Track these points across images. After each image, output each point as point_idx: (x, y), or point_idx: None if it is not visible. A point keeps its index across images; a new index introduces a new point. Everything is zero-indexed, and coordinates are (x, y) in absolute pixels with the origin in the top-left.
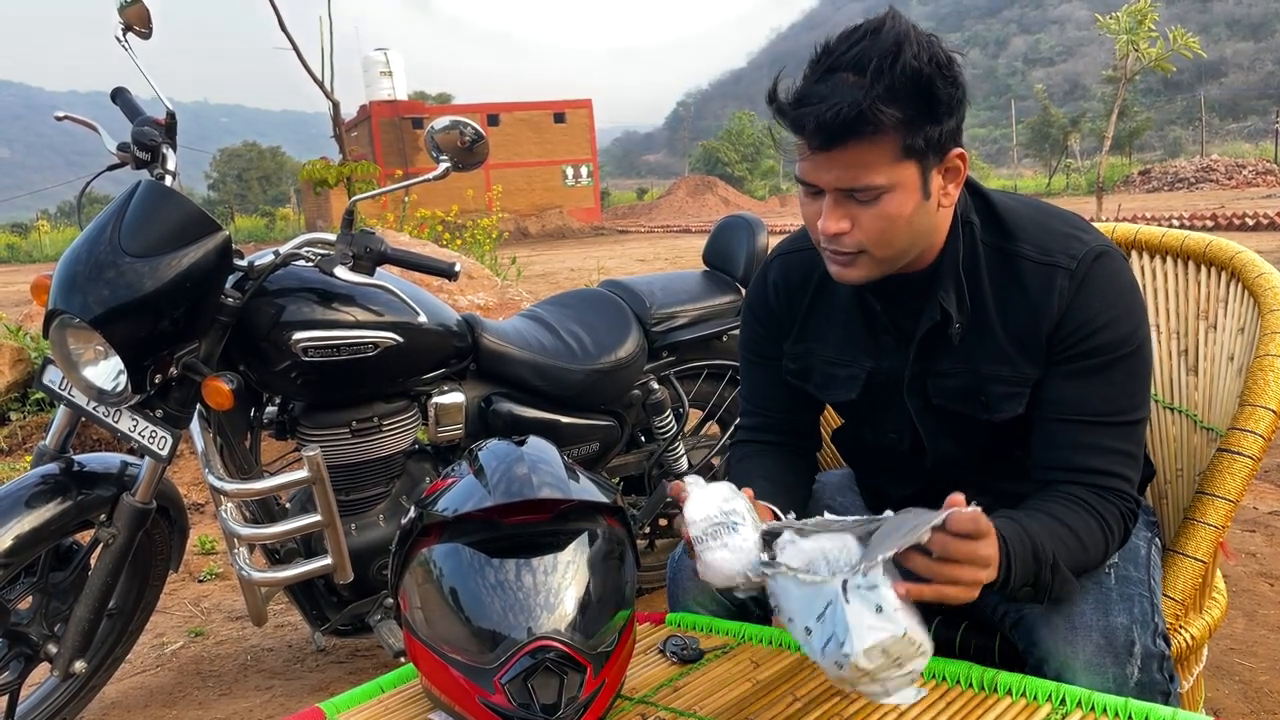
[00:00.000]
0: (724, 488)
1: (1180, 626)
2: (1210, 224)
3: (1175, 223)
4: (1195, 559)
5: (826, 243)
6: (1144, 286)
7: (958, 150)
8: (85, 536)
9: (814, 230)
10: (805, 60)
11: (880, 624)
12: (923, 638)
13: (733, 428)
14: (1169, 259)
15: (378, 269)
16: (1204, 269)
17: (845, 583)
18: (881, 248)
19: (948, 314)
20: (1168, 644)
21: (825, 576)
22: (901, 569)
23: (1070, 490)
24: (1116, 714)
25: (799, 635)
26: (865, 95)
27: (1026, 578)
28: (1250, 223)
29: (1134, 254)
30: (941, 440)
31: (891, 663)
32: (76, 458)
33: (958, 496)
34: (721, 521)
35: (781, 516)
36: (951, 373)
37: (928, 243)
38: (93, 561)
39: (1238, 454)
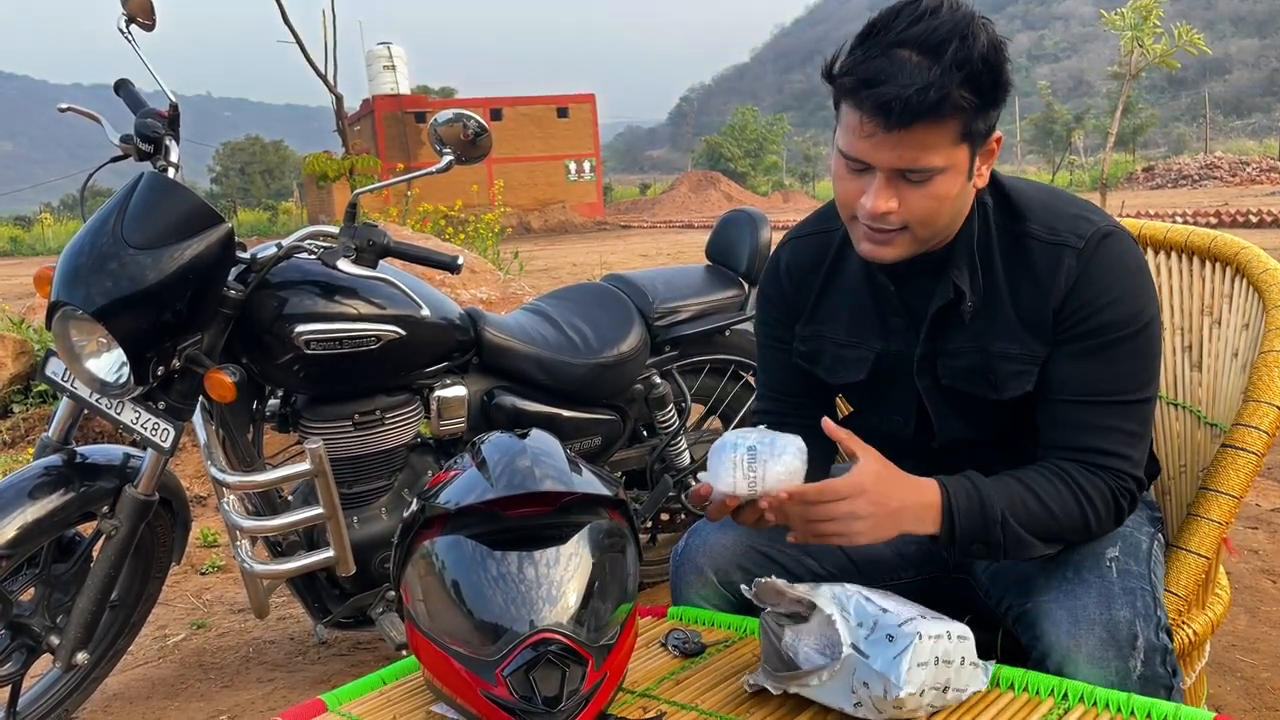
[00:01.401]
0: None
1: (1183, 622)
2: (1214, 221)
3: (1179, 220)
4: (1199, 554)
5: (868, 220)
6: None
7: (998, 134)
8: (88, 528)
9: (849, 207)
10: (848, 37)
11: (897, 649)
12: (943, 628)
13: (735, 422)
14: (1174, 254)
15: (380, 262)
16: (1209, 264)
17: (854, 645)
18: (925, 226)
19: (961, 292)
20: (1170, 638)
21: (830, 663)
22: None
23: (1058, 464)
24: (1119, 709)
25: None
26: (946, 79)
27: (975, 534)
28: (1254, 220)
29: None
30: (949, 422)
31: (939, 667)
32: (79, 450)
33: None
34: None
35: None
36: (961, 352)
37: (960, 223)
38: (95, 553)
39: (1241, 450)
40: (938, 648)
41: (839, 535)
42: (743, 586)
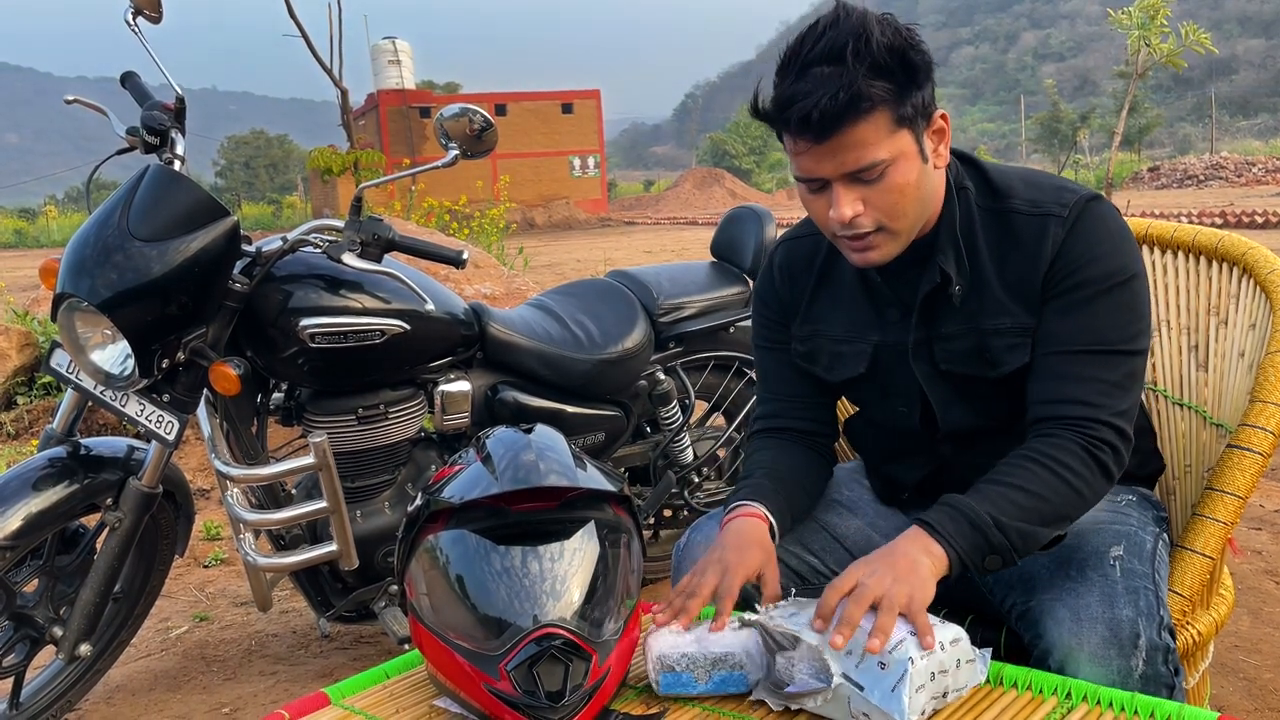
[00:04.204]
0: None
1: (1187, 622)
2: (1219, 222)
3: (1184, 220)
4: (1203, 555)
5: (842, 230)
6: (1155, 282)
7: (940, 112)
8: (91, 520)
9: (825, 224)
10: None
11: (892, 678)
12: (932, 639)
13: (738, 419)
14: (1180, 254)
15: (385, 256)
16: (1215, 264)
17: (845, 675)
18: (897, 219)
19: (947, 275)
20: (1173, 637)
21: (824, 688)
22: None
23: (1024, 449)
24: (1122, 708)
25: None
26: (852, 77)
27: (978, 547)
28: (1260, 221)
29: (1145, 249)
30: (952, 409)
31: (936, 680)
32: (83, 442)
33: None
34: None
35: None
36: (956, 335)
37: (933, 207)
38: (99, 545)
39: (1248, 450)
40: (931, 664)
41: (879, 597)
42: (741, 616)
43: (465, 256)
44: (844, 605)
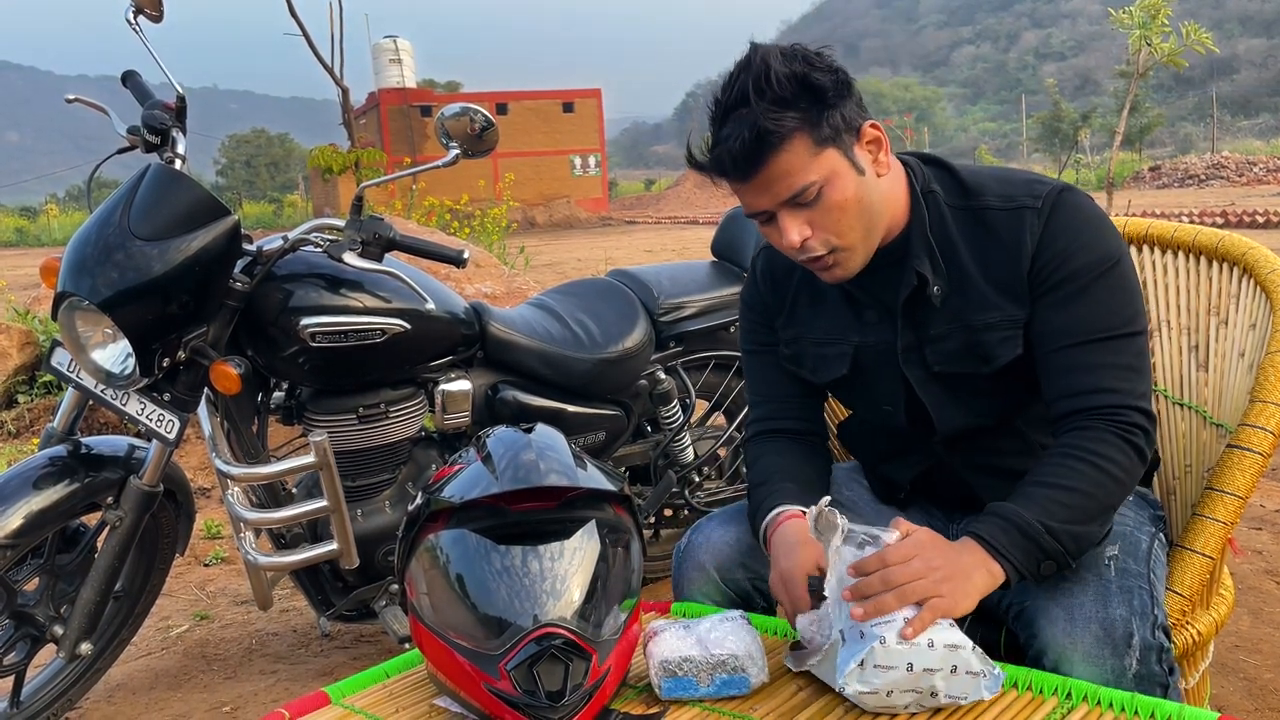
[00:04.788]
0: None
1: (1187, 622)
2: (1220, 221)
3: (1185, 219)
4: (1203, 555)
5: (799, 255)
6: (1155, 281)
7: (869, 122)
8: (92, 519)
9: (785, 251)
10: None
11: (859, 648)
12: (926, 637)
13: (739, 419)
14: (1180, 254)
15: (386, 255)
16: (1216, 264)
17: (841, 632)
18: (845, 235)
19: (924, 278)
20: (1168, 636)
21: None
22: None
23: (1058, 445)
24: (1122, 708)
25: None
26: (755, 116)
27: (1033, 555)
28: (1260, 220)
29: (1145, 249)
30: (948, 411)
31: (916, 674)
32: (84, 440)
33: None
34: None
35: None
36: (945, 335)
37: (888, 215)
38: (99, 544)
39: (1247, 450)
40: (912, 655)
41: (924, 594)
42: (806, 511)
43: (466, 256)
44: (884, 577)
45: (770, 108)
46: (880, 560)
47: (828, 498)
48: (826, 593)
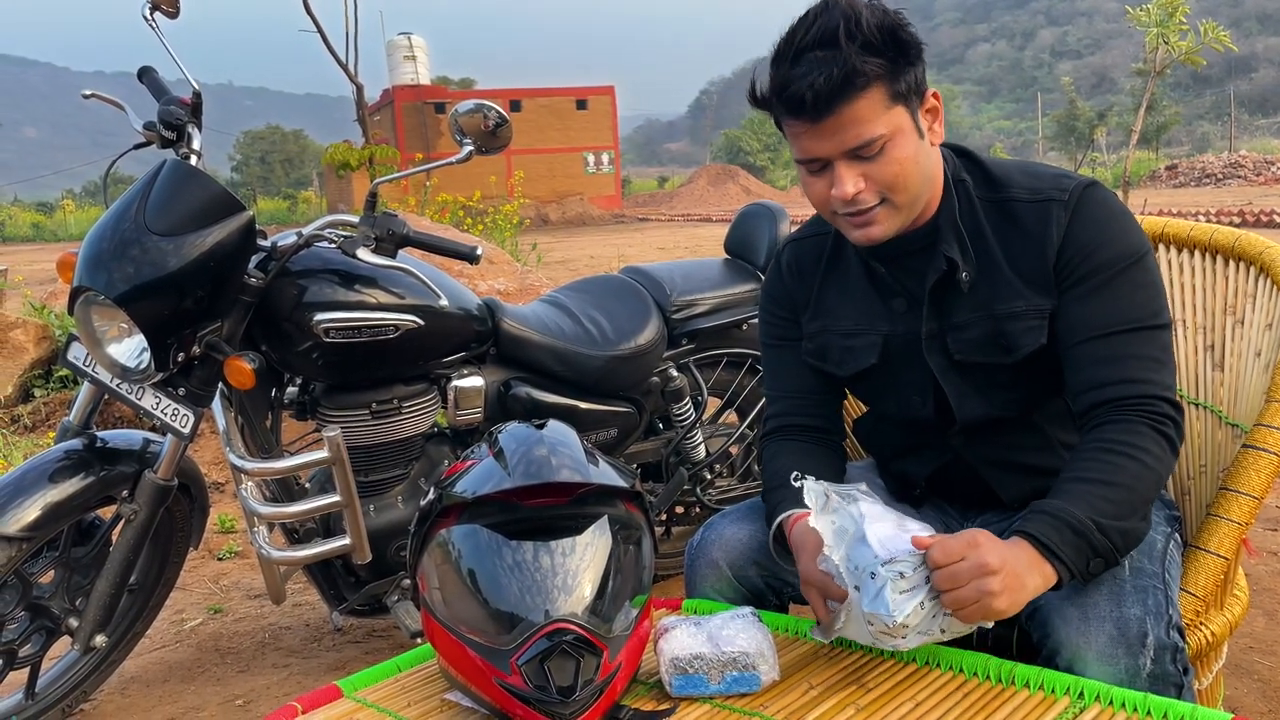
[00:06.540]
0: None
1: (1201, 623)
2: (1237, 221)
3: (1202, 219)
4: (1218, 555)
5: (844, 208)
6: (1171, 281)
7: (932, 90)
8: (107, 512)
9: (825, 205)
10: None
11: (879, 584)
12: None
13: (751, 416)
14: (1197, 253)
15: (399, 251)
16: (1232, 264)
17: (856, 587)
18: (899, 192)
19: (953, 263)
20: (1182, 636)
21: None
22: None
23: (1092, 439)
24: (1135, 708)
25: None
26: (846, 56)
27: (1084, 554)
28: (1278, 220)
29: (1161, 247)
30: (968, 401)
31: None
32: (99, 434)
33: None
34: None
35: None
36: (969, 323)
37: (933, 188)
38: (114, 537)
39: (1263, 450)
40: (922, 576)
41: (974, 601)
42: (802, 483)
43: (479, 252)
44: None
45: (859, 51)
46: (947, 555)
47: (809, 478)
48: (822, 566)
